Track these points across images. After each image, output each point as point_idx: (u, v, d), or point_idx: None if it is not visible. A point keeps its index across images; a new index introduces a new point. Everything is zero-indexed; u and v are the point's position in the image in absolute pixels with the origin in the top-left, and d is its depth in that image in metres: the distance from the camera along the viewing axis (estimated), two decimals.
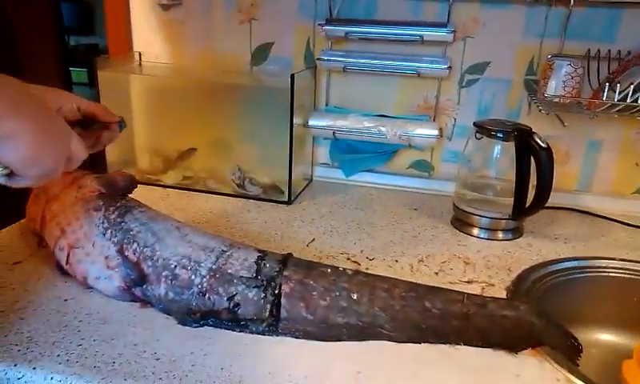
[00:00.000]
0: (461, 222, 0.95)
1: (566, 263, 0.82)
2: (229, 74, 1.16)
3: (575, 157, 1.08)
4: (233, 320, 0.62)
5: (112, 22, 1.24)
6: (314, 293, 0.65)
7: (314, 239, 0.87)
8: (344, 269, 0.69)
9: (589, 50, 0.98)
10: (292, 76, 0.95)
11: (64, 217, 0.68)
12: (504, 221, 0.91)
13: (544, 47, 1.02)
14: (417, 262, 0.81)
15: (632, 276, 0.82)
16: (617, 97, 0.87)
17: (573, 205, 1.06)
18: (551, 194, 1.03)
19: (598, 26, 0.98)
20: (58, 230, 0.68)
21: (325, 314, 0.63)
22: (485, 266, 0.81)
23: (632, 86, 0.86)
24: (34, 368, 0.52)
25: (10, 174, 0.46)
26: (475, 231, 0.93)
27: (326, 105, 1.14)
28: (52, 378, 0.51)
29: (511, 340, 0.63)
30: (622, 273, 0.82)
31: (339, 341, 0.61)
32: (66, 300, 0.64)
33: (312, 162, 1.18)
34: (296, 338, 0.61)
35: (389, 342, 0.61)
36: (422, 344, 0.61)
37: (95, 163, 1.06)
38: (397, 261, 0.81)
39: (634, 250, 0.88)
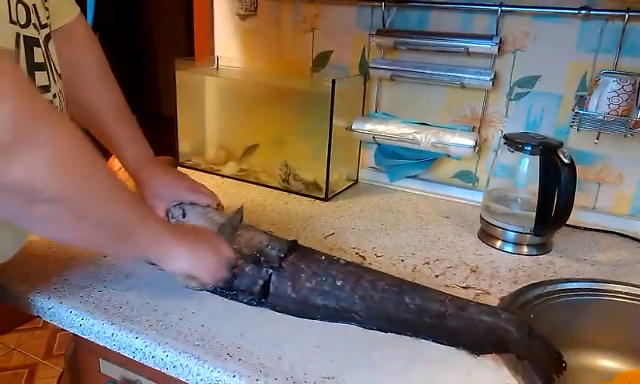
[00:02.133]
0: (486, 234, 0.95)
1: (576, 284, 0.80)
2: (290, 79, 1.26)
3: (629, 179, 1.02)
4: (227, 289, 0.71)
5: (198, 29, 1.41)
6: (303, 275, 0.72)
7: (333, 233, 0.94)
8: (338, 258, 0.76)
9: None
10: (333, 82, 1.02)
11: None
12: (529, 236, 0.90)
13: (598, 63, 0.98)
14: (422, 264, 0.84)
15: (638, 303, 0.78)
16: None
17: (622, 229, 1.01)
18: (600, 216, 1.01)
19: None
20: None
21: (307, 295, 0.70)
22: (490, 276, 0.82)
23: None
24: (61, 303, 0.66)
25: (189, 278, 0.67)
26: (499, 244, 0.93)
27: (375, 111, 1.19)
28: (71, 312, 0.65)
29: (480, 344, 0.64)
30: (632, 299, 0.78)
31: (313, 319, 0.67)
32: (104, 256, 0.78)
33: (358, 165, 1.24)
34: (277, 311, 0.68)
35: (356, 327, 0.66)
36: (388, 333, 0.65)
37: (170, 152, 1.23)
38: (403, 261, 0.85)
39: None
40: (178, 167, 1.26)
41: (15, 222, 0.52)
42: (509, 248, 0.92)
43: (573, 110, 0.92)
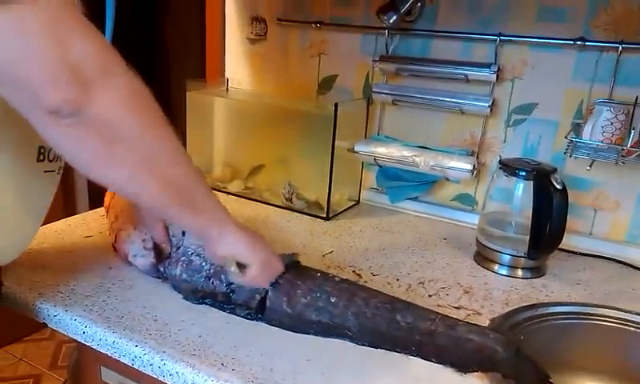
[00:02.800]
0: (481, 256, 0.97)
1: (567, 307, 0.81)
2: (296, 101, 1.30)
3: (625, 206, 1.04)
4: (226, 302, 0.74)
5: (210, 52, 1.47)
6: (298, 291, 0.74)
7: (332, 251, 0.96)
8: (333, 276, 0.78)
9: (637, 96, 0.95)
10: (336, 105, 1.06)
11: (119, 207, 0.86)
12: (523, 259, 0.92)
13: (594, 92, 1.01)
14: (416, 284, 0.86)
15: (630, 328, 0.79)
16: None
17: (618, 255, 1.02)
18: (596, 242, 1.02)
19: None
20: (113, 216, 0.86)
21: (302, 310, 0.72)
22: (483, 297, 0.84)
23: None
24: (66, 310, 0.69)
25: (240, 268, 0.68)
26: (495, 267, 0.95)
27: (378, 133, 1.23)
28: (75, 319, 0.68)
29: (467, 362, 0.66)
30: (622, 324, 0.79)
31: (307, 334, 0.70)
32: (110, 268, 0.82)
33: (360, 186, 1.27)
34: (272, 325, 0.71)
35: (348, 342, 0.68)
36: (379, 349, 0.68)
37: None
38: (398, 280, 0.87)
39: None
40: None
41: (92, 164, 0.52)
42: (503, 271, 0.94)
43: (566, 138, 0.94)
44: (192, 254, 0.78)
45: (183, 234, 0.79)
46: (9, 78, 0.45)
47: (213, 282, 0.75)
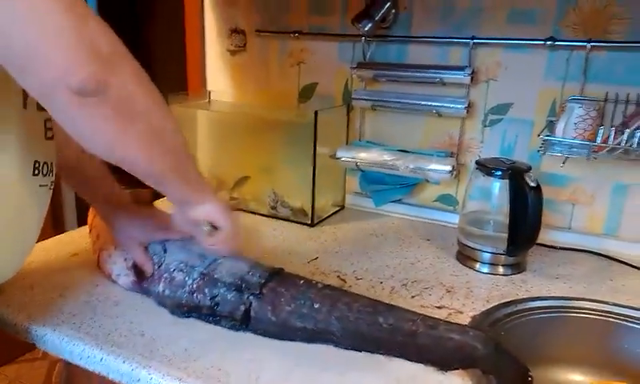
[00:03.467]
0: (463, 255, 0.99)
1: (546, 302, 0.84)
2: (278, 110, 1.32)
3: (601, 200, 1.06)
4: (211, 315, 0.75)
5: (191, 65, 1.48)
6: (282, 299, 0.76)
7: (316, 258, 0.98)
8: (316, 282, 0.80)
9: (607, 93, 0.98)
10: (316, 113, 1.08)
11: (101, 226, 0.87)
12: (503, 256, 0.94)
13: (566, 90, 1.03)
14: (400, 286, 0.88)
15: (609, 319, 0.81)
16: (624, 140, 0.88)
17: (597, 248, 1.04)
18: (576, 235, 1.05)
19: (620, 70, 0.98)
20: (95, 236, 0.87)
21: (286, 318, 0.74)
22: (464, 296, 0.86)
23: (638, 131, 0.86)
24: (54, 330, 0.70)
25: (213, 228, 0.73)
26: (477, 265, 0.97)
27: (359, 139, 1.25)
28: (63, 339, 0.69)
29: (448, 360, 0.68)
30: (599, 315, 0.82)
31: (292, 341, 0.71)
32: (97, 285, 0.83)
33: (344, 191, 1.28)
34: (257, 334, 0.72)
35: (333, 347, 0.70)
36: (362, 352, 0.69)
37: None
38: (381, 282, 0.89)
39: (635, 296, 0.86)
40: None
41: (112, 141, 0.55)
42: (485, 268, 0.96)
43: (539, 136, 0.97)
44: (174, 270, 0.79)
45: (165, 250, 0.80)
46: (32, 59, 0.46)
47: (197, 296, 0.76)
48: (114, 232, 0.83)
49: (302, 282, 0.79)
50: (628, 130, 0.87)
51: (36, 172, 0.65)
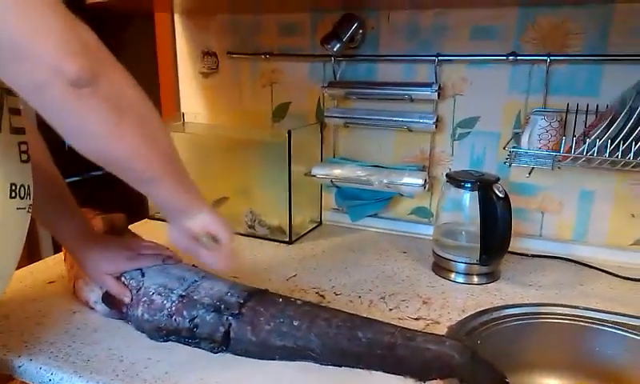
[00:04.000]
0: (438, 266, 1.02)
1: (520, 309, 0.86)
2: (253, 130, 1.33)
3: (568, 207, 1.10)
4: (190, 337, 0.75)
5: (164, 88, 1.49)
6: (262, 318, 0.76)
7: (295, 274, 0.99)
8: (295, 300, 0.81)
9: (568, 104, 1.02)
10: (289, 132, 1.10)
11: None
12: (477, 266, 0.97)
13: (530, 102, 1.07)
14: (378, 299, 0.90)
15: (580, 323, 0.84)
16: (585, 149, 0.91)
17: (569, 255, 1.08)
18: (546, 243, 1.08)
19: (580, 82, 1.03)
20: (69, 264, 0.87)
21: (266, 337, 0.74)
22: (440, 306, 0.87)
23: (598, 140, 0.90)
24: (31, 360, 0.70)
25: (213, 239, 0.73)
26: (452, 275, 0.99)
27: (333, 156, 1.27)
28: (41, 368, 0.68)
29: (426, 371, 0.70)
30: (572, 320, 0.85)
31: (273, 360, 0.72)
32: (74, 312, 0.82)
33: (321, 207, 1.30)
34: (238, 355, 0.73)
35: (313, 363, 0.71)
36: (342, 368, 0.70)
37: (139, 205, 1.28)
38: (360, 297, 0.90)
39: (605, 300, 0.90)
40: (147, 219, 1.31)
41: (104, 135, 0.55)
42: (460, 279, 0.98)
43: (504, 148, 1.00)
44: (153, 293, 0.79)
45: (143, 275, 0.80)
46: (24, 52, 0.47)
47: (175, 319, 0.76)
48: (83, 267, 0.80)
49: (280, 299, 0.80)
50: (589, 140, 0.91)
51: (13, 194, 0.63)
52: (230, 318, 0.75)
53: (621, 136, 0.88)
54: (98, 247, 0.80)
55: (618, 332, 0.83)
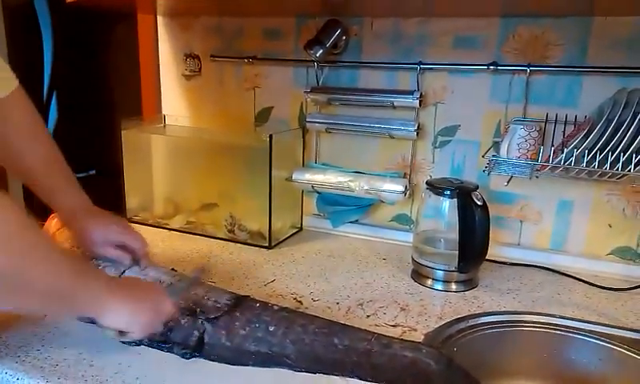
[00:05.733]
0: (417, 273, 1.01)
1: (497, 317, 0.86)
2: (234, 134, 1.32)
3: (547, 217, 1.11)
4: (163, 342, 0.74)
5: (146, 90, 1.47)
6: (237, 323, 0.76)
7: (274, 280, 0.98)
8: (272, 305, 0.80)
9: (547, 114, 1.03)
10: (270, 136, 1.09)
11: None
12: (455, 273, 0.97)
13: (510, 111, 1.08)
14: (355, 306, 0.89)
15: (555, 331, 0.84)
16: (563, 159, 0.92)
17: (547, 263, 1.08)
18: (525, 251, 1.09)
19: (559, 92, 1.04)
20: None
21: (241, 342, 0.74)
22: (418, 313, 0.87)
23: (575, 150, 0.91)
24: None
25: (121, 333, 0.68)
26: (429, 282, 0.99)
27: (315, 161, 1.26)
28: (6, 373, 0.66)
29: (403, 377, 0.69)
30: (548, 328, 0.85)
31: (246, 366, 0.71)
32: (45, 316, 0.80)
33: (302, 213, 1.29)
34: (211, 360, 0.71)
35: (287, 370, 0.70)
36: (317, 374, 0.69)
37: (117, 208, 1.26)
38: (338, 303, 0.90)
39: (580, 309, 0.90)
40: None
41: None
42: (439, 286, 0.98)
43: (483, 157, 1.00)
44: None
45: (120, 276, 0.79)
46: None
47: None
48: (74, 236, 0.86)
49: (257, 304, 0.80)
50: (567, 149, 0.92)
51: None
52: (204, 322, 0.74)
53: (598, 146, 0.89)
54: (92, 218, 0.86)
55: (594, 341, 0.83)
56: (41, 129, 0.86)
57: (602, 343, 0.83)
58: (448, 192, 0.96)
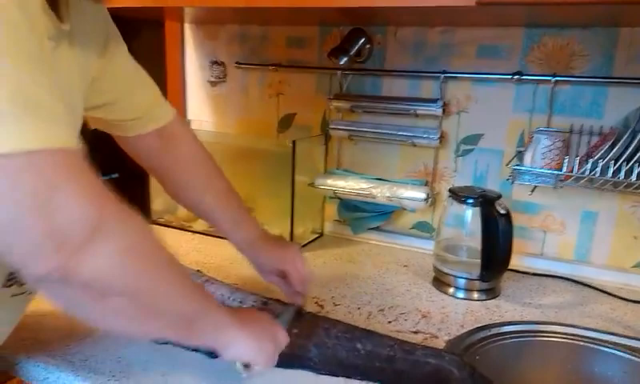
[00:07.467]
0: (439, 281, 1.02)
1: (519, 326, 0.86)
2: (258, 140, 1.34)
3: (571, 227, 1.10)
4: None
5: (171, 95, 1.50)
6: None
7: None
8: (296, 307, 0.81)
9: (572, 125, 1.03)
10: (294, 143, 1.11)
11: None
12: (477, 282, 0.96)
13: (534, 121, 1.08)
14: (377, 311, 0.90)
15: (579, 342, 0.84)
16: (588, 170, 0.92)
17: (571, 275, 1.08)
18: (548, 262, 1.08)
19: (584, 103, 1.03)
20: None
21: None
22: (440, 321, 0.87)
23: (600, 160, 0.91)
24: (29, 357, 0.70)
25: (245, 366, 0.64)
26: (451, 290, 0.99)
27: (337, 168, 1.27)
28: (38, 365, 0.68)
29: None
30: (570, 339, 0.84)
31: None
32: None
33: (323, 219, 1.30)
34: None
35: (309, 372, 0.71)
36: (340, 377, 0.70)
37: (142, 211, 1.28)
38: (359, 308, 0.90)
39: (605, 321, 0.89)
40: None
41: (87, 317, 0.53)
42: (460, 294, 0.98)
43: (507, 165, 1.00)
44: None
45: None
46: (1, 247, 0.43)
47: None
48: (251, 263, 0.87)
49: (280, 306, 0.80)
50: (592, 160, 0.92)
51: (9, 283, 0.61)
52: None
53: (623, 157, 0.88)
54: (266, 246, 0.86)
55: (618, 353, 0.82)
56: (213, 163, 0.88)
57: (626, 356, 0.82)
58: (471, 200, 0.96)
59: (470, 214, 0.97)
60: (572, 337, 0.86)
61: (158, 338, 0.60)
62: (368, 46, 1.16)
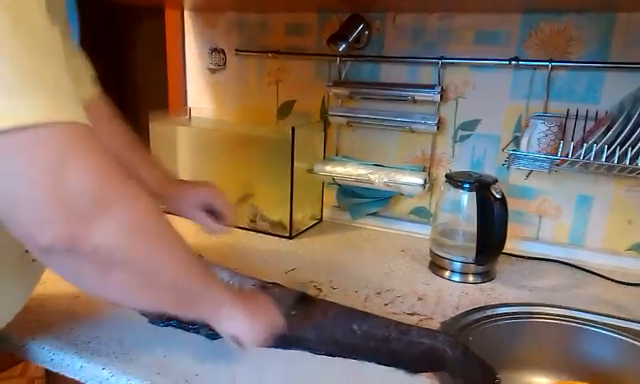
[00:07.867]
0: (435, 265, 1.03)
1: (512, 308, 0.88)
2: (257, 127, 1.35)
3: (566, 212, 1.11)
4: (190, 323, 0.77)
5: (172, 83, 1.51)
6: None
7: (294, 268, 1.01)
8: (294, 290, 0.83)
9: (568, 110, 1.03)
10: (293, 129, 1.12)
11: None
12: (472, 265, 0.98)
13: (530, 107, 1.09)
14: (374, 294, 0.91)
15: (570, 323, 0.86)
16: (582, 154, 0.93)
17: (565, 258, 1.09)
18: (543, 245, 1.10)
19: (581, 88, 1.04)
20: None
21: None
22: (435, 303, 0.89)
23: (595, 145, 0.92)
24: (34, 339, 0.72)
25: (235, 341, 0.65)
26: (447, 274, 1.00)
27: (336, 154, 1.29)
28: (44, 348, 0.71)
29: (418, 364, 0.71)
30: (562, 320, 0.86)
31: (267, 347, 0.74)
32: (77, 296, 0.84)
33: (322, 204, 1.32)
34: None
35: (307, 353, 0.73)
36: (336, 357, 0.72)
37: None
38: (356, 291, 0.92)
39: (598, 303, 0.91)
40: None
41: (91, 288, 0.53)
42: (456, 277, 1.00)
43: (503, 150, 1.02)
44: None
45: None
46: (5, 217, 0.44)
47: None
48: (169, 203, 0.91)
49: (277, 289, 0.82)
50: (586, 144, 0.93)
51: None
52: None
53: (617, 141, 0.89)
54: (182, 185, 0.93)
55: (609, 333, 0.84)
56: (134, 137, 0.90)
57: (618, 336, 0.83)
58: (467, 185, 0.97)
59: (467, 199, 0.99)
60: (565, 318, 0.88)
61: (159, 309, 0.61)
62: (367, 32, 1.17)
